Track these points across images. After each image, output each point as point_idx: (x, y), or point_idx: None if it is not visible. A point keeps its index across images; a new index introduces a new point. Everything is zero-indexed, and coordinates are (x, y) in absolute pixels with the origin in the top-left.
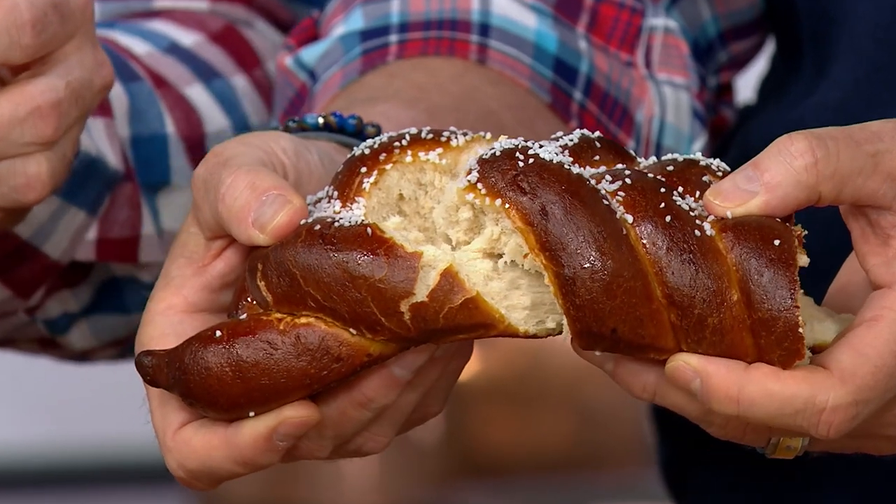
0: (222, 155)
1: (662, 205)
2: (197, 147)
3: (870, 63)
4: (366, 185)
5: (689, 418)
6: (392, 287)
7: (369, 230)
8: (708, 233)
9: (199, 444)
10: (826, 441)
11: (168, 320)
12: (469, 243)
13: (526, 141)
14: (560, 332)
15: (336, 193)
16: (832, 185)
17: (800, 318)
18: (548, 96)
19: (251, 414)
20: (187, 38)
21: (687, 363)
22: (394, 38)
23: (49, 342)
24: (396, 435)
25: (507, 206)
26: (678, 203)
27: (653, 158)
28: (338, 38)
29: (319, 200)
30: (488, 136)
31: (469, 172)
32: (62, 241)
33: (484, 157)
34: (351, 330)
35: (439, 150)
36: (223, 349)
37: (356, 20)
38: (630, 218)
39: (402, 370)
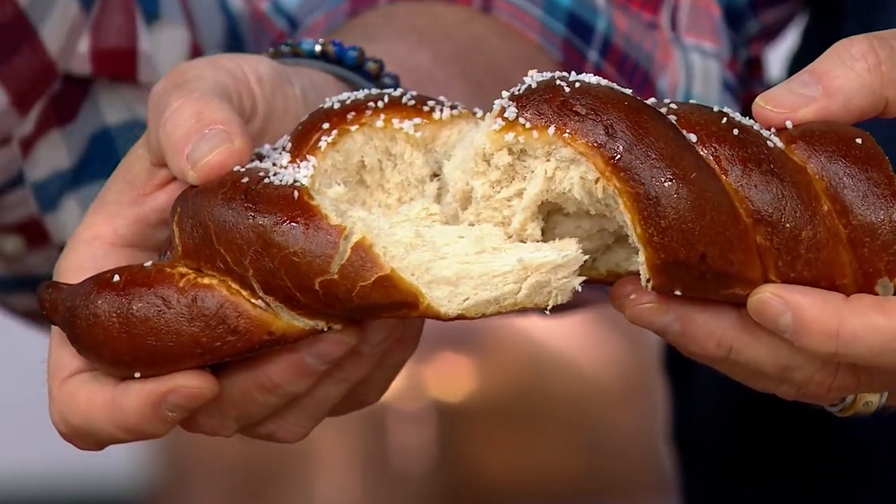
0: (183, 75)
1: (724, 120)
2: None
3: None
4: (322, 144)
5: (757, 386)
6: (308, 262)
7: (296, 194)
8: (779, 145)
9: (83, 398)
10: None
11: (91, 251)
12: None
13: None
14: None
15: (290, 146)
16: None
17: None
18: (559, 53)
19: (137, 375)
20: None
21: (775, 294)
22: None
23: (36, 231)
24: (328, 415)
25: (564, 132)
26: (738, 119)
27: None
28: None
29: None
30: (480, 113)
31: (502, 112)
32: (59, 31)
33: (516, 92)
34: (258, 301)
35: (417, 119)
36: (115, 297)
37: None
38: (694, 137)
39: (314, 359)
